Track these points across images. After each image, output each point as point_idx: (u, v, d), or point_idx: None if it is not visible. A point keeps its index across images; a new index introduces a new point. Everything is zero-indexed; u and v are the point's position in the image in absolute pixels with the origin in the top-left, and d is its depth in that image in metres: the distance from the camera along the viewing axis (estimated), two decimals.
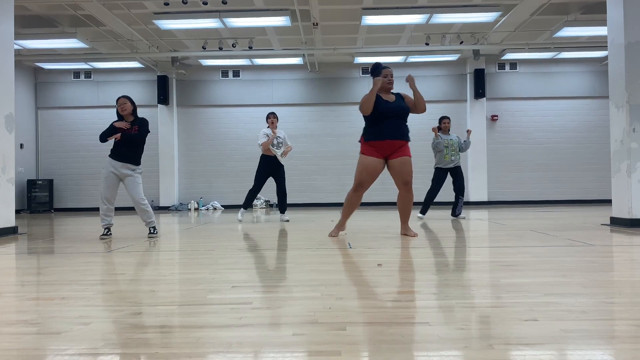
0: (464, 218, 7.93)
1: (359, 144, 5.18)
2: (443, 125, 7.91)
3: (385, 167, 5.11)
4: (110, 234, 5.57)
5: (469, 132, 8.21)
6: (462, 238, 5.17)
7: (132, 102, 5.65)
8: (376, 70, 5.11)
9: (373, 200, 12.95)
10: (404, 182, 5.00)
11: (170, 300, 2.42)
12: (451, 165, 7.83)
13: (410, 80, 5.11)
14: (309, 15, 9.65)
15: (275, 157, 7.70)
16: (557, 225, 6.41)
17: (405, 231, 5.20)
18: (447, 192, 8.51)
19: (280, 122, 8.38)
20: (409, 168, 5.00)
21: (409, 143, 5.10)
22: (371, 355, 1.60)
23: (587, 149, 13.12)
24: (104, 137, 5.59)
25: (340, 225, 5.36)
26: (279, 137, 7.73)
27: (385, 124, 4.94)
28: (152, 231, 5.61)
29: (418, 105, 5.08)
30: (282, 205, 8.00)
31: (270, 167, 7.76)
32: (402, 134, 4.99)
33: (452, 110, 12.90)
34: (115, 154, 5.53)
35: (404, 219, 5.20)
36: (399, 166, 4.97)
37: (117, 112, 5.66)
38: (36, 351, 1.68)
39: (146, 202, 5.56)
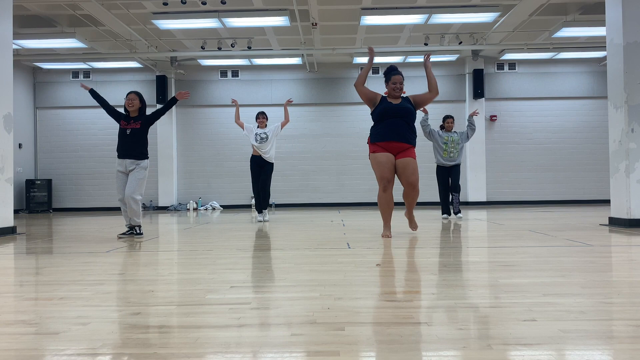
0: (461, 217, 7.86)
1: (367, 145, 5.34)
2: (447, 124, 7.85)
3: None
4: (131, 232, 5.54)
5: (473, 114, 7.92)
6: (460, 238, 5.17)
7: (142, 101, 5.63)
8: (387, 74, 5.30)
9: (373, 201, 12.96)
10: (408, 182, 5.16)
11: (168, 300, 2.42)
12: (451, 163, 7.77)
13: (426, 59, 5.35)
14: (308, 16, 9.65)
15: (260, 157, 7.79)
16: (556, 225, 6.42)
17: (409, 215, 5.51)
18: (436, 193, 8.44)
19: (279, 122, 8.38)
20: (413, 168, 5.12)
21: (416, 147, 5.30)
22: (370, 355, 1.60)
23: (586, 149, 13.13)
24: (106, 108, 5.67)
25: (386, 229, 5.23)
26: (263, 132, 7.79)
27: (387, 123, 5.09)
28: (137, 231, 5.54)
29: (429, 85, 5.27)
30: (263, 202, 7.93)
31: (256, 166, 7.86)
32: (405, 137, 5.11)
33: (451, 111, 12.89)
34: (120, 152, 5.51)
35: (409, 207, 5.48)
36: (402, 167, 5.13)
37: (125, 107, 5.63)
38: (34, 351, 1.67)
39: (138, 200, 5.39)
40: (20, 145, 12.49)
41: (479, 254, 3.95)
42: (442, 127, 7.92)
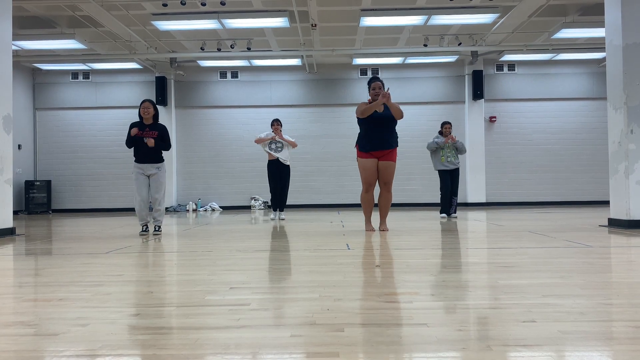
0: (456, 217, 8.25)
1: (355, 148, 5.94)
2: (444, 129, 8.33)
3: None
4: (148, 229, 5.98)
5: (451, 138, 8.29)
6: (460, 239, 5.17)
7: (155, 108, 6.07)
8: (369, 83, 5.86)
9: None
10: (384, 182, 5.84)
11: (168, 301, 2.42)
12: (451, 167, 8.21)
13: (384, 97, 5.54)
14: (308, 17, 9.65)
15: (278, 160, 8.22)
16: (555, 226, 6.42)
17: (382, 227, 5.92)
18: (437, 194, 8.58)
19: None
20: (391, 171, 5.81)
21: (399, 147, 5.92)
22: (369, 356, 1.60)
23: (585, 150, 13.13)
24: (128, 143, 6.03)
25: (368, 224, 5.99)
26: (278, 141, 8.19)
27: (376, 132, 5.70)
28: (157, 228, 6.07)
29: (395, 115, 5.74)
30: (280, 204, 8.54)
31: (275, 169, 8.29)
32: (390, 144, 5.76)
33: (450, 112, 12.94)
34: (139, 158, 6.00)
35: (383, 215, 5.99)
36: (383, 169, 5.81)
37: (139, 114, 6.01)
38: (34, 352, 1.67)
39: (163, 202, 6.10)
40: (19, 146, 12.48)
41: (478, 254, 3.95)
42: (440, 133, 8.40)
